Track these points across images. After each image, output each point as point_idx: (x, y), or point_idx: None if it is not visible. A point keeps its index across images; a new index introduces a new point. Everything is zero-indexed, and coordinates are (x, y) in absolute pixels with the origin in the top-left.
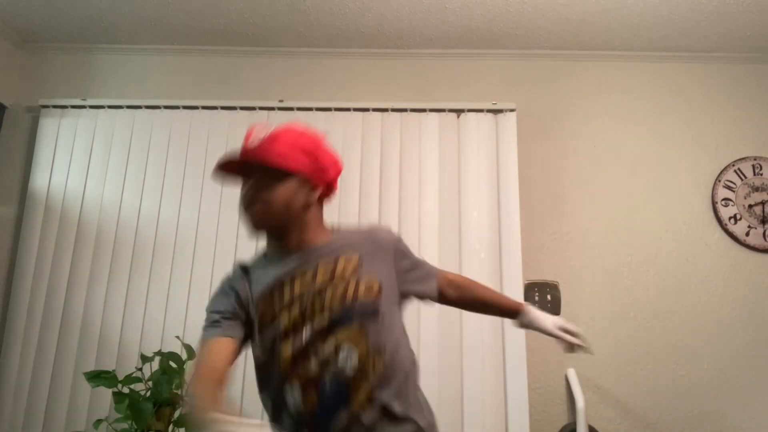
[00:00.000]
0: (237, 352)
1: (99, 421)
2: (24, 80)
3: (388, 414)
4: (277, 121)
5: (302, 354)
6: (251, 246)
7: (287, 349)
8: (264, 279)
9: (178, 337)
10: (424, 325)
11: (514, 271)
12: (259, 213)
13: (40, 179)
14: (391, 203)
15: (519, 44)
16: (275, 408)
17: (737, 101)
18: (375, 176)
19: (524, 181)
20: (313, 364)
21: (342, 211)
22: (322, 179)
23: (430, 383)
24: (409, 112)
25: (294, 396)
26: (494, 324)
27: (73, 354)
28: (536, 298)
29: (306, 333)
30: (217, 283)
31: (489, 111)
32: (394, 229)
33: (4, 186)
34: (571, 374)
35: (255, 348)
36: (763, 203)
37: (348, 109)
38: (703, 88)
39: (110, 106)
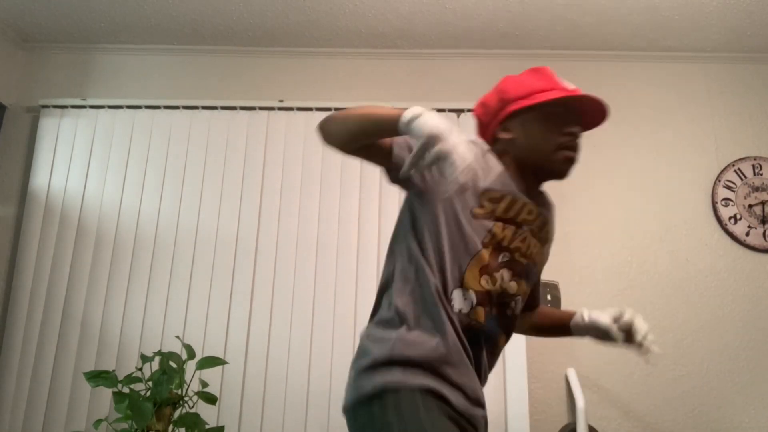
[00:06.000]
0: None
1: (99, 421)
2: (24, 80)
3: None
4: (276, 121)
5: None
6: (251, 246)
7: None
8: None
9: (178, 337)
10: None
11: None
12: (574, 164)
13: (40, 179)
14: (391, 203)
15: (519, 44)
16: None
17: (737, 101)
18: (375, 176)
19: None
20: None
21: (342, 211)
22: None
23: None
24: None
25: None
26: None
27: (73, 354)
28: None
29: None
30: (217, 284)
31: None
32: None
33: (4, 186)
34: (571, 374)
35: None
36: (763, 203)
37: None
38: (702, 88)
39: (110, 106)
